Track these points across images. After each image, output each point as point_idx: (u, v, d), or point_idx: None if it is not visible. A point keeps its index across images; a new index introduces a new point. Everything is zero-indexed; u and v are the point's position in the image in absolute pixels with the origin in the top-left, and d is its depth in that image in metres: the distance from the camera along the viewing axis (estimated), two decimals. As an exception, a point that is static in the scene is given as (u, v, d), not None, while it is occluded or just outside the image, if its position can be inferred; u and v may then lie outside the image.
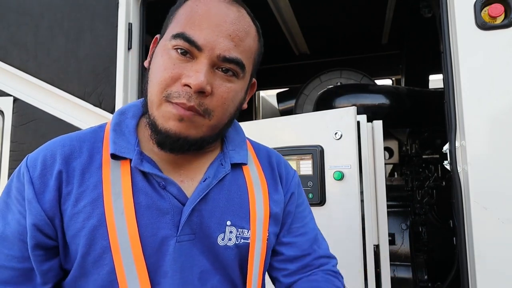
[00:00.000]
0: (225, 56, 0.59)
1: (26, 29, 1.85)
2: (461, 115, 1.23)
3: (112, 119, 0.68)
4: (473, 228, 1.18)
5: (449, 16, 1.30)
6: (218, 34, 0.59)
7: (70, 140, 0.65)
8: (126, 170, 0.63)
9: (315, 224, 0.85)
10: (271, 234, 0.73)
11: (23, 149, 1.76)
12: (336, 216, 1.58)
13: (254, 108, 4.39)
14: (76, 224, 0.60)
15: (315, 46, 3.89)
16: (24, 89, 1.81)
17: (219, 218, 0.67)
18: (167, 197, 0.63)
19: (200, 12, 0.60)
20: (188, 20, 0.60)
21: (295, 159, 1.67)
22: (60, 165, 0.61)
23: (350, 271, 1.52)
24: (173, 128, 0.59)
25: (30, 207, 0.59)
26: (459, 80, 1.24)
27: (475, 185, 1.20)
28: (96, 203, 0.60)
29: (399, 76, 3.88)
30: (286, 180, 0.80)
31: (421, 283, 2.34)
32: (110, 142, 0.63)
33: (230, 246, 0.67)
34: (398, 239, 2.37)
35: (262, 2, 2.73)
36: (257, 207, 0.71)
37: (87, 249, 0.59)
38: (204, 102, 0.59)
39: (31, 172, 0.61)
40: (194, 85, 0.56)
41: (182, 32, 0.59)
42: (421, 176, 2.78)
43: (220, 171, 0.69)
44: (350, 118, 1.59)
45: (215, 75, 0.60)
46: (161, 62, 0.60)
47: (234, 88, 0.62)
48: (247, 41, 0.62)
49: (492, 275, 1.16)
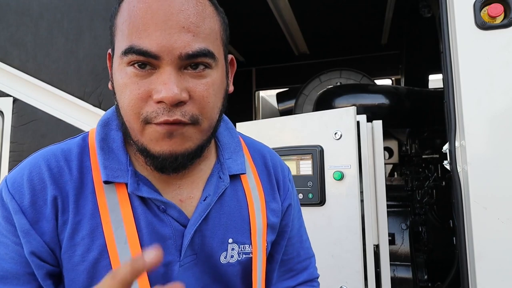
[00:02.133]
0: (188, 53, 0.51)
1: (26, 29, 1.85)
2: (461, 115, 1.23)
3: (96, 133, 0.61)
4: (473, 228, 1.18)
5: (449, 16, 1.31)
6: (170, 31, 0.50)
7: (55, 158, 0.58)
8: (124, 195, 0.57)
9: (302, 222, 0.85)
10: (269, 243, 0.72)
11: (23, 150, 1.76)
12: (336, 216, 1.58)
13: (254, 108, 4.40)
14: (73, 257, 0.55)
15: (314, 46, 3.89)
16: (24, 90, 1.81)
17: (221, 237, 0.64)
18: (168, 221, 0.59)
19: (139, 13, 0.51)
20: (131, 27, 0.51)
21: (294, 159, 1.67)
22: (53, 190, 0.55)
23: (350, 271, 1.52)
24: (167, 149, 0.53)
25: (29, 239, 0.53)
26: (459, 80, 1.24)
27: (475, 185, 1.20)
28: (95, 234, 0.55)
29: (398, 76, 3.88)
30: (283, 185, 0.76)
31: (421, 283, 2.34)
32: (100, 166, 0.57)
33: (232, 263, 0.65)
34: (398, 239, 2.37)
35: (262, 3, 2.73)
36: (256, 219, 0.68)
37: (89, 283, 0.55)
38: (186, 110, 0.52)
39: (17, 199, 0.54)
40: (168, 99, 0.50)
41: (131, 46, 0.51)
42: (421, 176, 2.78)
43: (219, 186, 0.64)
44: (350, 118, 1.59)
45: (186, 76, 0.52)
46: (122, 84, 0.53)
47: (211, 82, 0.55)
48: (205, 24, 0.53)
49: (492, 275, 1.16)
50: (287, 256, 0.78)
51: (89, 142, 0.62)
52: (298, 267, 0.80)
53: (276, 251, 0.75)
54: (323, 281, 1.58)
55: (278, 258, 0.76)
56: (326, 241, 1.59)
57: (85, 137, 0.63)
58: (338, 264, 1.56)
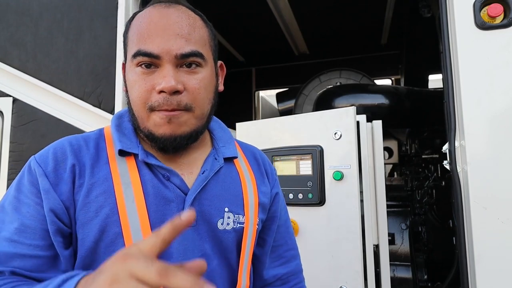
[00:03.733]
0: (182, 53, 0.65)
1: (26, 29, 1.85)
2: (461, 115, 1.24)
3: (112, 121, 0.75)
4: (472, 228, 1.18)
5: (449, 16, 1.31)
6: (168, 37, 0.65)
7: (75, 139, 0.72)
8: (133, 164, 0.70)
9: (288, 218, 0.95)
10: (260, 220, 0.81)
11: (23, 150, 1.76)
12: (335, 216, 1.58)
13: (253, 108, 4.40)
14: (88, 213, 0.65)
15: (314, 46, 3.89)
16: (24, 90, 1.81)
17: (218, 205, 0.74)
18: (171, 187, 0.70)
19: (145, 25, 0.67)
20: (139, 37, 0.67)
21: (294, 159, 1.67)
22: (72, 160, 0.67)
23: (350, 271, 1.53)
24: (167, 131, 0.66)
25: (47, 196, 0.63)
26: (459, 80, 1.24)
27: (474, 185, 1.20)
28: (108, 193, 0.66)
29: (398, 76, 3.88)
30: (271, 175, 0.89)
31: (420, 283, 2.35)
32: (115, 140, 0.70)
33: (228, 230, 0.74)
34: (397, 239, 2.37)
35: (261, 3, 2.73)
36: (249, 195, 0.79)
37: (100, 236, 0.64)
38: (181, 99, 0.66)
39: (43, 167, 0.65)
40: (167, 88, 0.64)
41: (138, 50, 0.66)
42: (420, 176, 2.78)
43: (215, 165, 0.76)
44: (349, 118, 1.59)
45: (181, 73, 0.67)
46: (133, 81, 0.68)
47: (202, 78, 0.69)
48: (196, 32, 0.69)
49: (492, 275, 1.16)
50: (276, 242, 0.88)
51: (105, 131, 0.75)
52: (287, 255, 0.90)
53: (268, 234, 0.86)
54: (323, 281, 1.59)
55: (270, 242, 0.86)
56: (326, 241, 1.59)
57: (101, 129, 0.77)
58: (338, 264, 1.56)
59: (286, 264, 0.89)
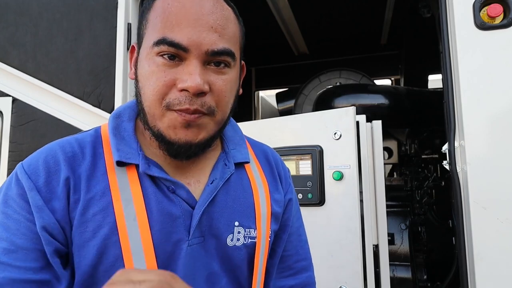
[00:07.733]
0: (214, 50, 0.57)
1: (25, 29, 1.84)
2: (460, 115, 1.24)
3: (109, 123, 0.66)
4: (472, 228, 1.18)
5: (448, 16, 1.31)
6: (200, 29, 0.56)
7: (69, 144, 0.62)
8: (134, 176, 0.61)
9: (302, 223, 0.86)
10: (272, 232, 0.74)
11: (22, 150, 1.76)
12: (335, 216, 1.58)
13: (253, 108, 4.39)
14: (84, 233, 0.57)
15: (314, 46, 3.89)
16: (23, 89, 1.81)
17: (228, 219, 0.66)
18: (177, 201, 0.62)
19: (174, 10, 0.57)
20: (164, 22, 0.57)
21: (294, 159, 1.67)
22: (66, 171, 0.58)
23: (350, 271, 1.52)
24: (183, 138, 0.58)
25: (41, 215, 0.55)
26: (458, 80, 1.24)
27: (474, 185, 1.20)
28: (106, 211, 0.58)
29: (398, 76, 3.88)
30: (285, 179, 0.81)
31: (420, 283, 2.35)
32: (112, 149, 0.61)
33: (239, 247, 0.67)
34: (397, 239, 2.37)
35: (261, 2, 2.73)
36: (261, 205, 0.71)
37: (99, 259, 0.57)
38: (205, 101, 0.57)
39: (33, 179, 0.57)
40: (192, 88, 0.55)
41: (164, 37, 0.56)
42: (420, 176, 2.78)
43: (225, 172, 0.68)
44: (349, 118, 1.59)
45: (208, 71, 0.58)
46: (150, 71, 0.58)
47: (229, 79, 0.61)
48: (229, 28, 0.60)
49: (491, 275, 1.16)
50: (285, 252, 0.79)
51: (102, 133, 0.66)
52: (297, 266, 0.81)
53: (278, 245, 0.77)
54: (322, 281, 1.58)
55: (279, 253, 0.77)
56: (325, 241, 1.59)
57: (98, 129, 0.67)
58: (337, 264, 1.56)
59: (295, 275, 0.80)
